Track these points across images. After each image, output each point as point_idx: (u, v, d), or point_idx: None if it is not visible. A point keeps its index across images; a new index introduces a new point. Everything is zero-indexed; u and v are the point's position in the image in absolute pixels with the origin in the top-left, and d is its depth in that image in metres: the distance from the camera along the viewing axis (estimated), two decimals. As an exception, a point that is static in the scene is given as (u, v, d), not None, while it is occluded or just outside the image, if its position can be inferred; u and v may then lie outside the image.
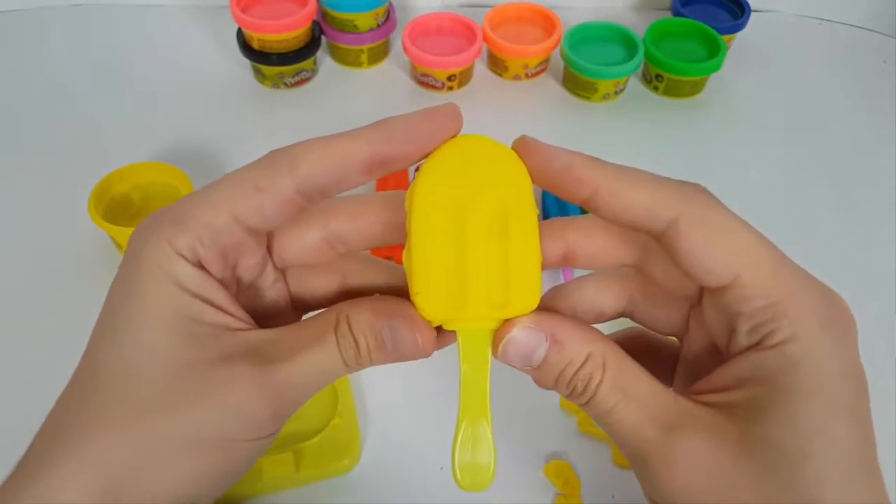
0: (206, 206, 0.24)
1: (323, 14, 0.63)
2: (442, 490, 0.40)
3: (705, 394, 0.24)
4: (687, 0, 0.68)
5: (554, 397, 0.43)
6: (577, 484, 0.40)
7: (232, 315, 0.24)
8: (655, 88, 0.64)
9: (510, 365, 0.24)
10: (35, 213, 0.53)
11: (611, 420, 0.24)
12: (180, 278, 0.23)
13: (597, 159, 0.24)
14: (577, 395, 0.24)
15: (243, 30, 0.61)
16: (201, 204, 0.24)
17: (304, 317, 0.28)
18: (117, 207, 0.50)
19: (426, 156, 0.24)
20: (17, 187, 0.55)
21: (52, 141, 0.58)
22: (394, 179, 0.53)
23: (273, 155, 0.25)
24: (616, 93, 0.63)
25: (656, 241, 0.24)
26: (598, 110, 0.63)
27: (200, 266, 0.24)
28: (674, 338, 0.28)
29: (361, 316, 0.24)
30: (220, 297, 0.24)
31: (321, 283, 0.28)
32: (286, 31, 0.59)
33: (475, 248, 0.24)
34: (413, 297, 0.24)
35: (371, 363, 0.25)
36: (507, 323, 0.24)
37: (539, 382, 0.25)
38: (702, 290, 0.25)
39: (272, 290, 0.27)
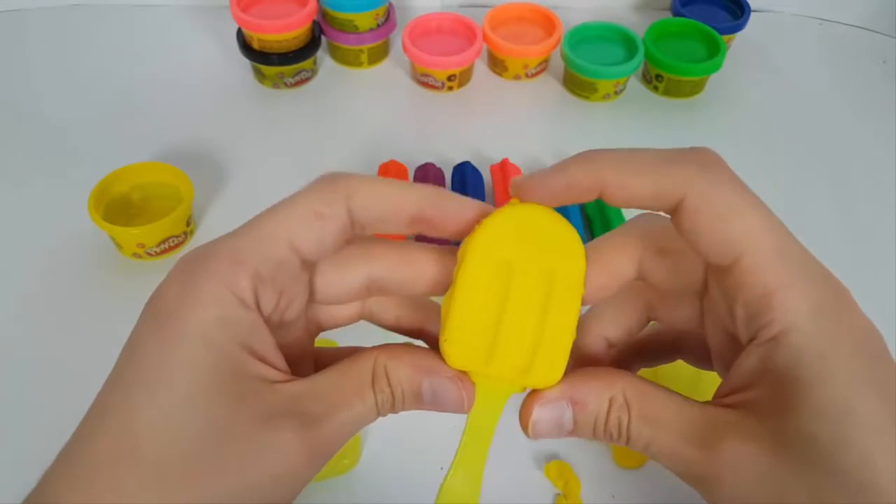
0: (264, 237, 0.23)
1: (323, 14, 0.63)
2: (442, 490, 0.40)
3: (728, 396, 0.24)
4: (687, 0, 0.68)
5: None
6: (577, 484, 0.40)
7: (273, 365, 0.23)
8: (655, 88, 0.64)
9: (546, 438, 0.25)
10: (35, 213, 0.53)
11: (652, 452, 0.24)
12: (230, 327, 0.22)
13: (592, 156, 0.24)
14: (615, 439, 0.24)
15: (243, 30, 0.61)
16: (258, 236, 0.23)
17: (320, 335, 0.27)
18: (117, 207, 0.50)
19: (461, 234, 0.25)
20: (18, 187, 0.55)
21: (52, 141, 0.58)
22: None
23: (329, 180, 0.24)
24: (616, 93, 0.63)
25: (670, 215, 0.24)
26: (598, 110, 0.63)
27: (256, 307, 0.23)
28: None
29: (401, 370, 0.24)
30: (266, 343, 0.23)
31: (342, 313, 0.28)
32: (286, 31, 0.59)
33: (514, 310, 0.24)
34: (441, 342, 0.24)
35: (404, 410, 0.25)
36: (528, 399, 0.25)
37: (577, 437, 0.25)
38: (705, 282, 0.25)
39: (299, 322, 0.26)
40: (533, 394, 0.25)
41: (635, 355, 0.30)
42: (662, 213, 0.24)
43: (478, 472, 0.25)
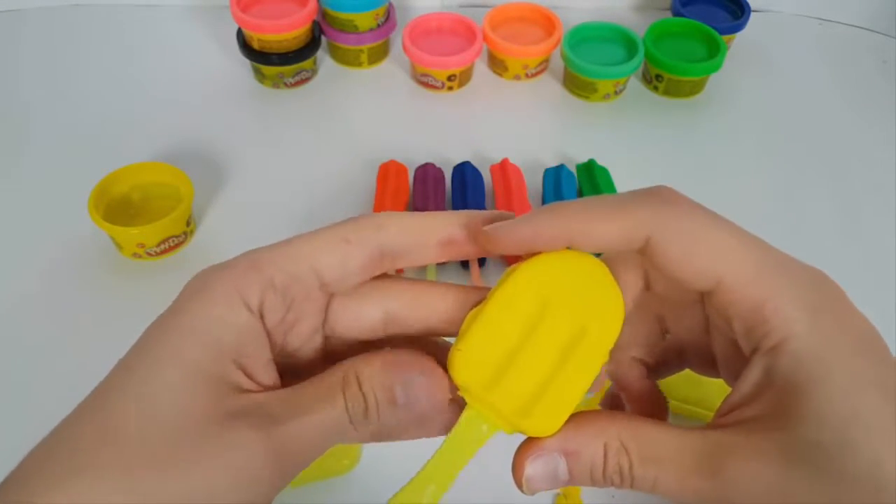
0: (285, 252, 0.24)
1: (323, 14, 0.63)
2: (442, 490, 0.40)
3: (732, 412, 0.24)
4: (687, 0, 0.68)
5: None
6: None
7: (254, 373, 0.23)
8: (655, 88, 0.64)
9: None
10: (35, 213, 0.53)
11: (660, 491, 0.24)
12: (225, 328, 0.23)
13: (558, 207, 0.24)
14: (618, 485, 0.24)
15: (243, 30, 0.61)
16: (281, 251, 0.24)
17: None
18: (117, 207, 0.50)
19: (486, 250, 0.25)
20: (18, 187, 0.55)
21: (53, 141, 0.58)
22: (393, 184, 0.53)
23: (361, 216, 0.25)
24: (616, 93, 0.63)
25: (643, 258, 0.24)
26: (598, 110, 0.63)
27: (259, 313, 0.23)
28: None
29: (373, 372, 0.23)
30: (257, 350, 0.24)
31: (357, 341, 0.27)
32: (286, 31, 0.59)
33: (536, 348, 0.24)
34: (452, 350, 0.24)
35: (380, 421, 0.24)
36: (520, 453, 0.24)
37: (579, 485, 0.25)
38: (701, 295, 0.25)
39: (310, 351, 0.26)
40: (524, 446, 0.24)
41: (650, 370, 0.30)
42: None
43: (442, 492, 0.24)
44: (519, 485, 0.24)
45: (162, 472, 0.21)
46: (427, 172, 0.54)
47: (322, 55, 0.66)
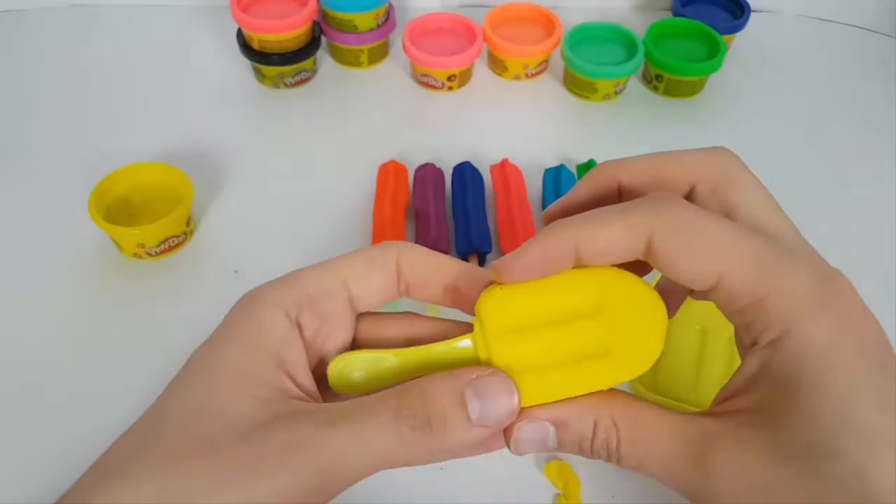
0: (319, 268, 0.26)
1: (323, 14, 0.63)
2: (442, 490, 0.40)
3: (726, 402, 0.24)
4: (687, 0, 0.68)
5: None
6: (577, 484, 0.40)
7: (296, 377, 0.24)
8: (655, 88, 0.64)
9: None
10: (35, 214, 0.53)
11: (645, 471, 0.24)
12: (268, 338, 0.24)
13: (562, 223, 0.24)
14: (605, 459, 0.24)
15: (243, 30, 0.61)
16: (316, 267, 0.26)
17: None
18: (117, 207, 0.50)
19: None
20: (18, 187, 0.55)
21: (53, 141, 0.58)
22: (393, 184, 0.53)
23: (385, 243, 0.27)
24: (616, 93, 0.63)
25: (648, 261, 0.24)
26: (598, 110, 0.63)
27: (297, 323, 0.25)
28: None
29: (436, 382, 0.23)
30: (296, 357, 0.25)
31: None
32: (286, 31, 0.59)
33: (563, 335, 0.24)
34: (494, 286, 0.24)
35: (441, 445, 0.23)
36: (509, 426, 0.24)
37: (568, 453, 0.26)
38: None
39: None
40: (520, 413, 0.24)
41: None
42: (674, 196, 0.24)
43: (390, 371, 0.26)
44: (508, 444, 0.25)
45: (202, 471, 0.21)
46: (427, 172, 0.54)
47: (322, 55, 0.66)
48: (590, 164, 0.55)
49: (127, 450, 0.23)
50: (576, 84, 0.63)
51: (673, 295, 0.29)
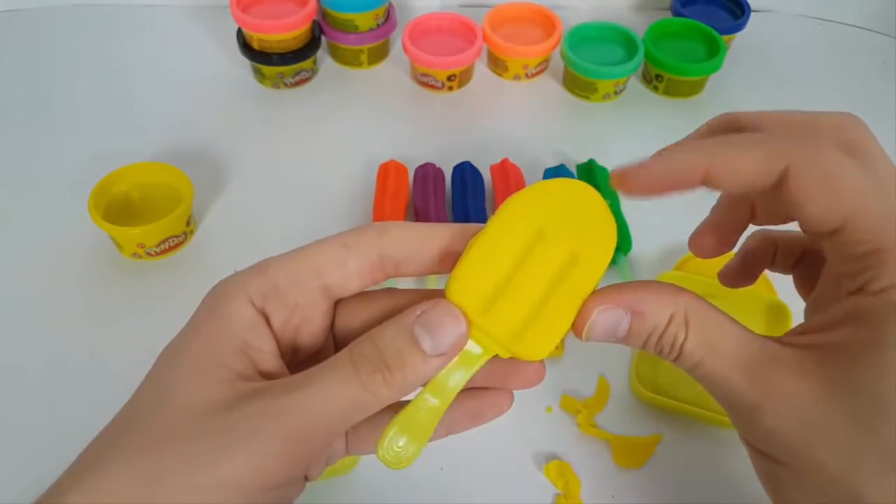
0: (289, 258, 0.25)
1: (323, 14, 0.63)
2: (442, 490, 0.40)
3: (800, 335, 0.24)
4: (687, 0, 0.68)
5: (554, 398, 0.43)
6: (577, 484, 0.40)
7: (263, 372, 0.24)
8: (655, 88, 0.64)
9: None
10: (35, 213, 0.53)
11: (699, 373, 0.24)
12: (232, 326, 0.24)
13: (694, 141, 0.24)
14: (664, 354, 0.24)
15: (243, 30, 0.61)
16: (285, 257, 0.25)
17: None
18: (117, 207, 0.50)
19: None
20: (18, 187, 0.55)
21: (52, 141, 0.58)
22: (393, 184, 0.53)
23: (363, 225, 0.26)
24: (616, 93, 0.63)
25: (773, 195, 0.24)
26: (598, 110, 0.63)
27: (263, 314, 0.24)
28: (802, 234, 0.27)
29: (385, 328, 0.23)
30: (267, 347, 0.24)
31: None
32: (286, 31, 0.59)
33: (528, 274, 0.24)
34: (450, 276, 0.24)
35: (404, 380, 0.23)
36: (587, 303, 0.24)
37: (627, 345, 0.25)
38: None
39: (326, 354, 0.27)
40: (596, 295, 0.24)
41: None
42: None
43: (427, 430, 0.24)
44: (579, 331, 0.24)
45: (172, 455, 0.22)
46: (427, 172, 0.54)
47: (322, 55, 0.66)
48: (590, 164, 0.55)
49: (101, 445, 0.23)
50: (576, 84, 0.63)
51: (754, 267, 0.30)
